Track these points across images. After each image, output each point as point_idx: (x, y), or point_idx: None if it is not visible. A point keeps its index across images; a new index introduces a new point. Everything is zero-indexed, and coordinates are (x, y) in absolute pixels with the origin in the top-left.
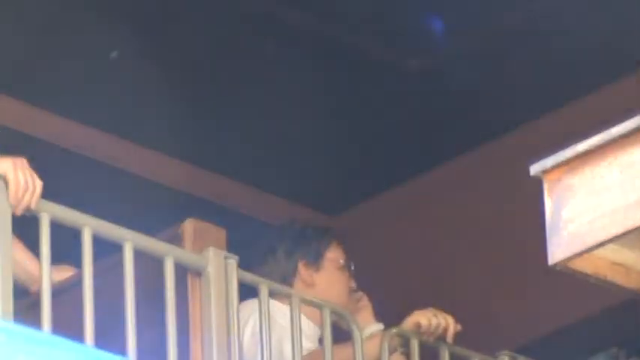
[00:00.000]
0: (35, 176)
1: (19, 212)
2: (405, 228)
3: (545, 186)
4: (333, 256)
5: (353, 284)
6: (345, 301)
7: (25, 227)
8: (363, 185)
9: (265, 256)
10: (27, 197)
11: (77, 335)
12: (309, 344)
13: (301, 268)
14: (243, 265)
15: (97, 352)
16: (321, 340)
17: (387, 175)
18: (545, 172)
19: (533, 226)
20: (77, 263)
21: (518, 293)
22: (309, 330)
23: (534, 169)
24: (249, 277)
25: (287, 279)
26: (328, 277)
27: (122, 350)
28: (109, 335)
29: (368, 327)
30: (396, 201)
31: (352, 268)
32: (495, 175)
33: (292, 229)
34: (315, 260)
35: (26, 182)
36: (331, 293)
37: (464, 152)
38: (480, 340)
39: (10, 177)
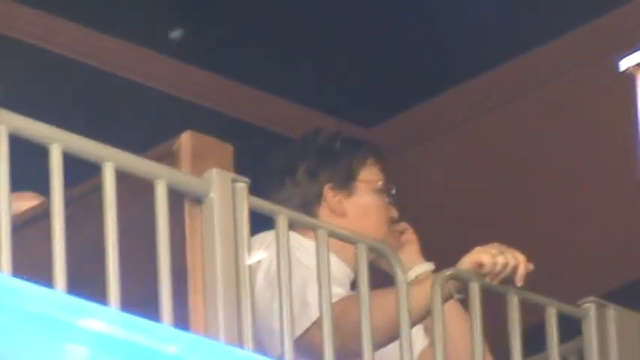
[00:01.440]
0: None
1: None
2: (456, 143)
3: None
4: (369, 177)
5: (394, 213)
6: (384, 234)
7: None
8: (404, 92)
9: (283, 177)
10: None
11: (45, 279)
12: (339, 289)
13: (328, 192)
14: (255, 190)
15: (70, 299)
16: (354, 284)
17: (433, 80)
18: None
19: (622, 140)
20: (44, 190)
21: (605, 225)
22: (340, 271)
23: (625, 63)
24: (263, 204)
25: (310, 206)
26: (363, 204)
27: (102, 297)
28: (85, 279)
29: (414, 267)
30: (445, 110)
31: (393, 192)
32: (572, 73)
33: (316, 143)
34: (346, 183)
35: None
36: (367, 224)
37: (528, 50)
38: (558, 283)
39: None
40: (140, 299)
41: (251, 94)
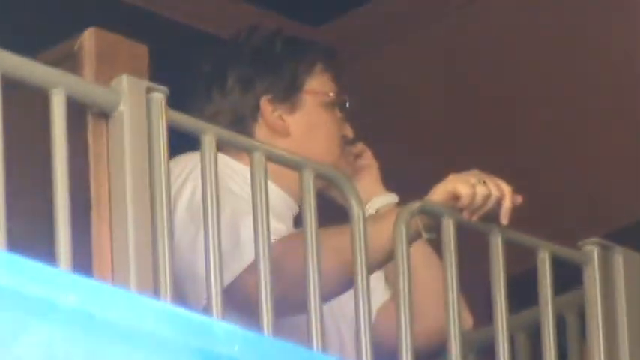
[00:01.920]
0: None
1: None
2: (427, 44)
3: None
4: (317, 86)
5: (349, 132)
6: (336, 157)
7: None
8: None
9: (209, 87)
10: None
11: None
12: (279, 226)
13: (266, 106)
14: (174, 103)
15: None
16: (298, 220)
17: None
18: None
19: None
20: None
21: (608, 153)
22: (281, 204)
23: None
24: (185, 120)
25: (244, 123)
26: (309, 121)
27: None
28: None
29: (374, 199)
30: (412, 3)
31: (347, 106)
32: None
33: (251, 45)
34: (289, 94)
35: None
36: (314, 145)
37: None
38: (551, 221)
39: None
40: (32, 229)
41: None
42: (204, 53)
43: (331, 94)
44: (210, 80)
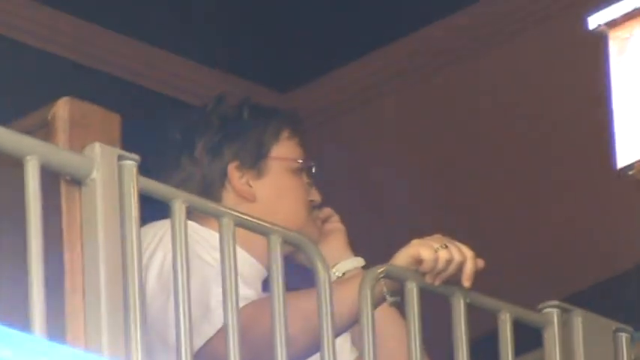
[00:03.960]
0: None
1: None
2: (394, 110)
3: (613, 46)
4: (284, 152)
5: (316, 196)
6: (302, 222)
7: None
8: (328, 50)
9: (179, 155)
10: None
11: None
12: (248, 291)
13: (233, 172)
14: (145, 171)
15: None
16: (267, 285)
17: (365, 35)
18: (612, 25)
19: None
20: None
21: (570, 217)
22: (249, 269)
23: (595, 20)
24: (156, 187)
25: (212, 190)
26: (276, 187)
27: None
28: None
29: (340, 263)
30: (380, 70)
31: (314, 171)
32: (533, 29)
33: (219, 112)
34: (256, 160)
35: None
36: (281, 211)
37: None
38: (513, 285)
39: None
40: (6, 304)
41: (145, 51)
42: (175, 121)
43: (298, 160)
44: (180, 148)
